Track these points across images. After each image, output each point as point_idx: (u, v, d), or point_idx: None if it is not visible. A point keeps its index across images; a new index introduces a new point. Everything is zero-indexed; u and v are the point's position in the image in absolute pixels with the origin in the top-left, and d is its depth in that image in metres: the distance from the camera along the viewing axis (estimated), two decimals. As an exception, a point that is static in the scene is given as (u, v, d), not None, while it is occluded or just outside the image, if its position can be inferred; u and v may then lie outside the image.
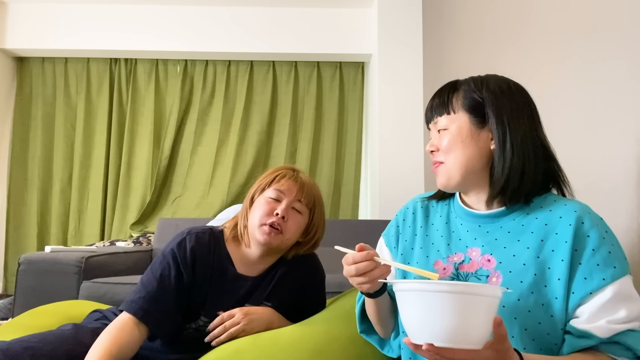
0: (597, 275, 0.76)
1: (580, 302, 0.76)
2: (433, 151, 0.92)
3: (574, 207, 0.82)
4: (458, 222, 0.92)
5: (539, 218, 0.84)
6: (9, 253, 3.52)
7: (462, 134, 0.87)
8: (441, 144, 0.90)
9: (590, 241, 0.78)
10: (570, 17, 1.83)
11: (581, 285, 0.76)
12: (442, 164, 0.90)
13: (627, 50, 1.49)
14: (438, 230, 0.95)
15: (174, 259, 1.11)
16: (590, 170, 1.62)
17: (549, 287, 0.78)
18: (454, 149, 0.88)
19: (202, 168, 3.55)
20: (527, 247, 0.82)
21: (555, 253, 0.79)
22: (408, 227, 0.99)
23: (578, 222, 0.79)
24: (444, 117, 0.90)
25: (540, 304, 0.77)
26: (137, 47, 3.50)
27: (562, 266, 0.78)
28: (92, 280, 1.95)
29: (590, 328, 0.74)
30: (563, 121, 1.74)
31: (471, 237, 0.88)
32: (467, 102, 0.88)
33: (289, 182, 1.17)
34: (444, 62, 3.19)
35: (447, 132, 0.89)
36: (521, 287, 0.78)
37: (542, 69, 2.00)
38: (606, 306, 0.74)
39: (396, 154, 3.09)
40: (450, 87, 0.92)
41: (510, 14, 2.52)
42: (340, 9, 3.51)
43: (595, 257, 0.77)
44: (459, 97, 0.90)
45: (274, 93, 3.64)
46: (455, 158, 0.88)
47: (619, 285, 0.75)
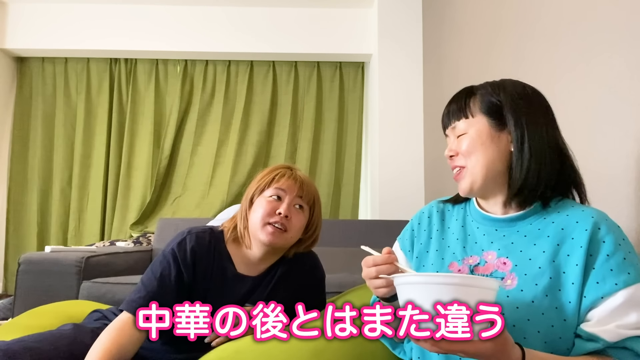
0: (609, 280, 0.75)
1: (592, 306, 0.76)
2: (452, 156, 0.92)
3: (591, 213, 0.82)
4: (474, 225, 0.93)
5: (555, 222, 0.84)
6: (9, 253, 3.52)
7: (481, 136, 0.88)
8: (461, 148, 0.90)
9: (606, 247, 0.78)
10: (571, 16, 1.83)
11: (593, 290, 0.76)
12: (464, 168, 0.90)
13: (627, 48, 1.49)
14: (454, 233, 0.96)
15: (175, 258, 1.11)
16: (589, 169, 1.62)
17: (563, 291, 0.78)
18: (475, 151, 0.88)
19: (202, 168, 3.55)
20: (543, 251, 0.82)
21: (570, 257, 0.80)
22: (423, 230, 1.00)
23: (594, 228, 0.79)
24: (462, 122, 0.91)
25: (554, 307, 0.78)
26: (137, 47, 3.51)
27: (576, 270, 0.78)
28: (92, 280, 1.95)
29: (599, 331, 0.73)
30: (563, 120, 1.74)
31: (487, 241, 0.89)
32: (485, 106, 0.89)
33: (288, 181, 1.17)
34: (444, 62, 3.19)
35: (467, 136, 0.89)
36: (536, 289, 0.79)
37: (542, 68, 2.00)
38: (617, 311, 0.74)
39: (396, 154, 3.10)
40: (467, 92, 0.92)
41: (510, 14, 2.52)
42: (340, 9, 3.51)
43: (610, 262, 0.77)
44: (476, 101, 0.90)
45: (274, 93, 3.64)
46: (476, 160, 0.88)
47: (632, 291, 0.74)
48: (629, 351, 0.73)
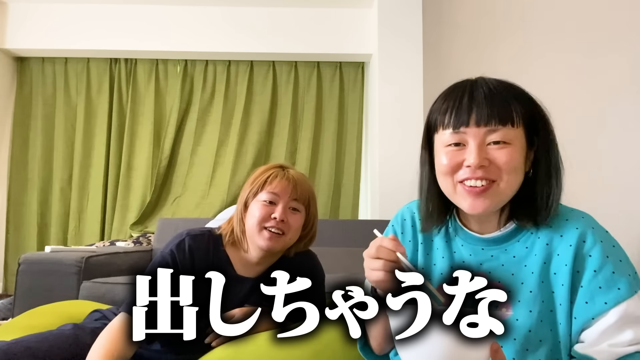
0: (599, 299, 0.71)
1: (584, 327, 0.72)
2: (483, 166, 0.74)
3: (576, 223, 0.76)
4: (459, 242, 0.85)
5: (541, 237, 0.78)
6: (9, 253, 3.52)
7: (523, 153, 0.76)
8: (502, 160, 0.74)
9: (592, 261, 0.72)
10: (569, 14, 1.83)
11: (583, 311, 0.72)
12: (495, 185, 0.75)
13: (627, 46, 1.49)
14: (439, 249, 0.87)
15: (173, 259, 1.11)
16: (590, 167, 1.62)
17: (554, 312, 0.74)
18: (516, 169, 0.74)
19: (202, 168, 3.55)
20: (532, 272, 0.77)
21: (557, 276, 0.75)
22: (408, 241, 0.91)
23: (579, 242, 0.74)
24: (508, 129, 0.74)
25: (549, 330, 0.74)
26: (137, 47, 3.50)
27: (562, 291, 0.73)
28: (92, 280, 1.95)
29: (592, 352, 0.69)
30: (562, 119, 1.74)
31: (476, 262, 0.81)
32: (528, 115, 0.76)
33: (281, 182, 1.15)
34: (444, 62, 3.19)
35: (513, 149, 0.74)
36: (531, 317, 0.74)
37: (542, 67, 2.00)
38: (609, 330, 0.70)
39: (396, 154, 3.09)
40: (507, 89, 0.77)
41: (510, 14, 2.52)
42: (340, 9, 3.51)
43: (597, 279, 0.71)
44: (517, 105, 0.76)
45: (274, 93, 3.64)
46: (513, 180, 0.75)
47: (624, 307, 0.70)
48: None
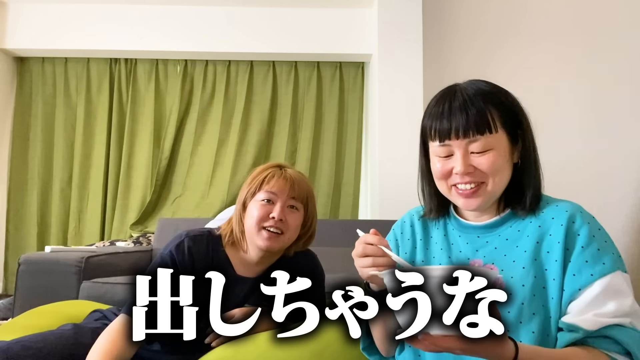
0: (585, 272, 0.77)
1: (571, 299, 0.77)
2: (470, 172, 0.82)
3: (565, 207, 0.83)
4: (456, 234, 0.92)
5: (532, 221, 0.85)
6: (9, 253, 3.52)
7: (506, 154, 0.83)
8: (485, 166, 0.82)
9: (580, 239, 0.79)
10: (570, 15, 1.83)
11: (570, 282, 0.77)
12: (483, 186, 0.83)
13: (627, 46, 1.49)
14: (437, 243, 0.95)
15: (173, 260, 1.11)
16: (590, 167, 1.62)
17: (546, 288, 0.79)
18: (501, 170, 0.83)
19: (202, 168, 3.55)
20: (524, 251, 0.83)
21: (550, 254, 0.81)
22: (407, 239, 0.99)
23: (569, 222, 0.81)
24: (487, 137, 0.81)
25: (541, 305, 0.79)
26: (137, 47, 3.50)
27: (555, 266, 0.79)
28: (92, 280, 1.95)
29: (578, 321, 0.74)
30: (562, 118, 1.74)
31: (472, 249, 0.89)
32: (508, 119, 0.84)
33: (279, 181, 1.15)
34: (444, 62, 3.19)
35: (494, 153, 0.82)
36: (524, 290, 0.79)
37: (542, 67, 2.00)
38: (594, 301, 0.75)
39: (396, 154, 3.09)
40: (483, 97, 0.83)
41: (510, 14, 2.52)
42: (340, 9, 3.51)
43: (584, 254, 0.78)
44: (494, 111, 0.82)
45: (274, 93, 3.64)
46: (500, 180, 0.83)
47: (608, 280, 0.75)
48: (609, 339, 0.73)
